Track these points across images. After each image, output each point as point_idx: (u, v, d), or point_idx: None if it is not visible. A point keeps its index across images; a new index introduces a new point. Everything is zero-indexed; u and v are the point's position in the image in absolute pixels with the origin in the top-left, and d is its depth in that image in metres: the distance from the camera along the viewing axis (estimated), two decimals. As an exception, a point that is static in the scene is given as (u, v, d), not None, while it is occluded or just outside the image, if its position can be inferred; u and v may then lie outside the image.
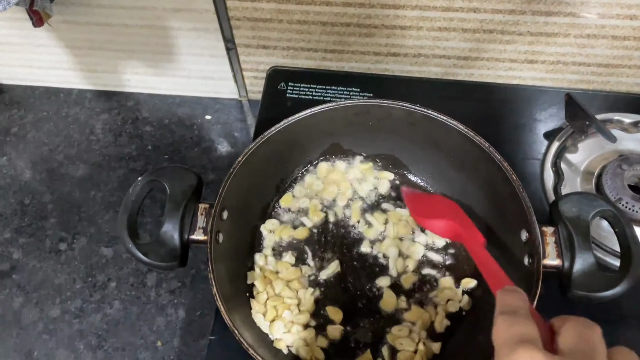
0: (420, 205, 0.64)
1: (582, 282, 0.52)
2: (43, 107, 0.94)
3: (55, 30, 0.85)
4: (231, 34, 0.82)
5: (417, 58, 0.83)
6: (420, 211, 0.63)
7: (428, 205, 0.65)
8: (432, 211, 0.62)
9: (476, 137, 0.61)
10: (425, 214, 0.62)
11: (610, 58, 0.79)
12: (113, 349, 0.70)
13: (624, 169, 0.70)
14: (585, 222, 0.54)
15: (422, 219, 0.62)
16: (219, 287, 0.52)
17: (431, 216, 0.61)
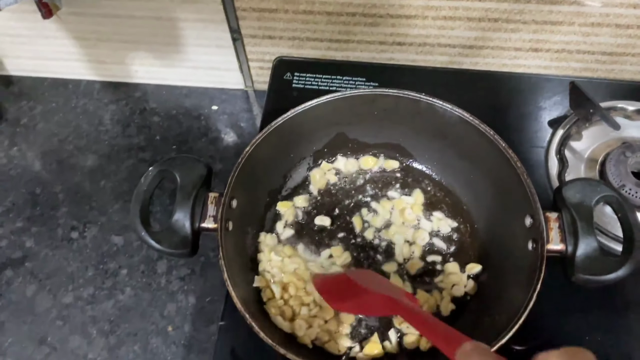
0: (331, 289, 0.57)
1: (585, 266, 0.53)
2: (52, 98, 0.96)
3: (64, 22, 0.86)
4: (237, 24, 0.83)
5: (423, 47, 0.84)
6: (335, 296, 0.56)
7: (340, 287, 0.57)
8: (346, 291, 0.55)
9: (481, 125, 0.62)
10: (341, 297, 0.55)
11: (614, 46, 0.79)
12: (125, 334, 0.71)
13: (627, 156, 0.71)
14: (588, 207, 0.55)
15: (340, 304, 0.55)
16: (230, 274, 0.53)
17: (348, 297, 0.54)
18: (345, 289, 0.55)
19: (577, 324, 0.64)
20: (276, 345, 0.50)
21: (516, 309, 0.51)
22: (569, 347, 0.33)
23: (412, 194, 0.71)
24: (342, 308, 0.56)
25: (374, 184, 0.73)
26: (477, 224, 0.68)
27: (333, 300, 0.55)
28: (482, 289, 0.63)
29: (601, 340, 0.63)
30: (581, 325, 0.64)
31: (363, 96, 0.67)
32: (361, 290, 0.53)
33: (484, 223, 0.67)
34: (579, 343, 0.62)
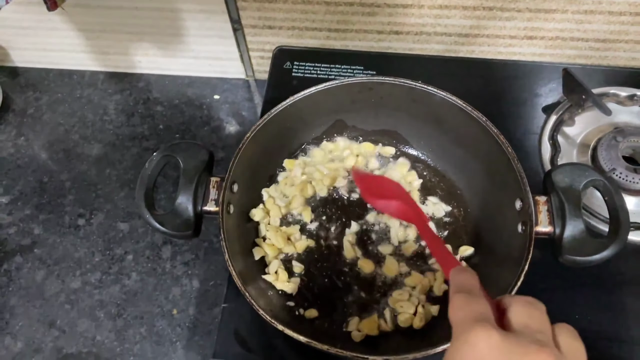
0: (369, 186, 0.62)
1: (572, 247, 0.55)
2: (57, 89, 0.98)
3: (69, 14, 0.88)
4: (238, 15, 0.85)
5: (419, 36, 0.86)
6: (371, 191, 0.61)
7: (377, 185, 0.63)
8: (381, 192, 0.61)
9: (474, 112, 0.64)
10: (376, 194, 0.60)
11: (608, 33, 0.81)
12: (132, 318, 0.74)
13: (618, 141, 0.72)
14: (576, 191, 0.57)
15: (374, 199, 0.60)
16: (231, 254, 0.56)
17: (382, 196, 0.60)
18: (380, 188, 0.61)
19: (567, 303, 0.66)
20: (274, 322, 0.52)
21: (505, 288, 0.53)
22: (531, 299, 0.38)
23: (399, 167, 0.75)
24: (372, 202, 0.61)
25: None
26: (470, 208, 0.70)
27: (367, 192, 0.60)
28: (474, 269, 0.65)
29: (590, 318, 0.65)
30: (570, 304, 0.66)
31: (360, 84, 0.69)
32: (395, 195, 0.59)
33: (476, 207, 0.69)
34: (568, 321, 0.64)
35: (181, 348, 0.71)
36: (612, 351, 0.63)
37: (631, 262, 0.68)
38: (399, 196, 0.59)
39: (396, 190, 0.61)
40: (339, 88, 0.68)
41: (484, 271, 0.62)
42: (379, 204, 0.61)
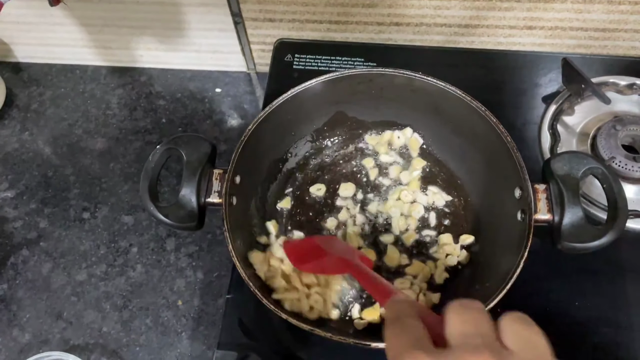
0: (299, 254, 0.62)
1: (571, 234, 0.56)
2: (60, 84, 0.98)
3: (71, 9, 0.88)
4: (238, 8, 0.85)
5: (419, 27, 0.86)
6: (301, 259, 0.61)
7: (306, 250, 0.63)
8: (310, 254, 0.61)
9: (473, 102, 0.65)
10: (306, 259, 0.61)
11: (607, 22, 0.81)
12: (137, 309, 0.75)
13: (617, 130, 0.73)
14: (575, 179, 0.58)
15: (305, 266, 0.61)
16: (234, 245, 0.56)
17: (311, 259, 0.61)
18: (310, 252, 0.62)
19: (567, 290, 0.66)
20: (278, 311, 0.53)
21: (505, 275, 0.54)
22: (463, 301, 0.35)
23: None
24: (304, 268, 0.61)
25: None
26: (470, 197, 0.71)
27: (297, 261, 0.61)
28: (474, 258, 0.66)
29: (590, 305, 0.65)
30: (570, 291, 0.66)
31: (360, 75, 0.69)
32: (321, 253, 0.60)
33: (476, 196, 0.70)
34: (568, 308, 0.65)
35: (186, 338, 0.72)
36: (613, 337, 0.64)
37: (630, 249, 0.69)
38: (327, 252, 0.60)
39: (322, 249, 0.61)
40: (339, 80, 0.69)
41: (484, 259, 0.64)
42: (307, 268, 0.61)
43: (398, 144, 0.75)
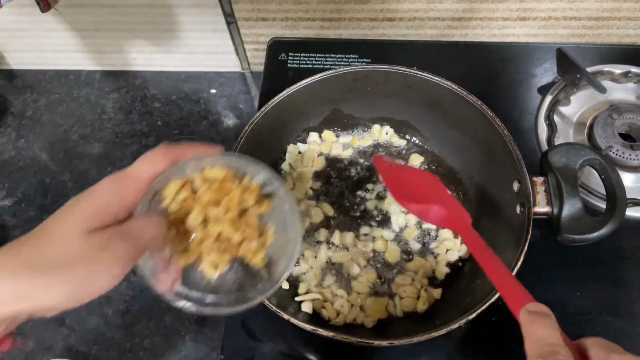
0: (401, 185, 0.58)
1: (570, 226, 0.56)
2: (55, 89, 0.98)
3: (62, 14, 0.88)
4: (231, 8, 0.85)
5: (412, 22, 0.86)
6: (405, 194, 0.57)
7: (410, 183, 0.59)
8: (417, 192, 0.57)
9: (469, 96, 0.64)
10: (411, 196, 0.57)
11: (600, 11, 0.81)
12: (140, 313, 0.75)
13: (614, 118, 0.73)
14: (573, 170, 0.58)
15: (410, 204, 0.56)
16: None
17: (418, 200, 0.56)
18: (413, 187, 0.57)
19: (569, 281, 0.67)
20: (280, 312, 0.53)
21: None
22: (600, 339, 0.37)
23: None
24: (410, 207, 0.56)
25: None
26: (469, 191, 0.71)
27: (400, 195, 0.56)
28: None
29: (591, 294, 0.66)
30: (572, 281, 0.67)
31: (355, 72, 0.69)
32: (427, 196, 0.56)
33: (475, 190, 0.70)
34: (570, 298, 0.65)
35: (190, 341, 0.72)
36: (615, 326, 0.64)
37: (630, 237, 0.69)
38: (436, 199, 0.55)
39: (431, 190, 0.57)
40: (334, 78, 0.69)
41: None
42: (416, 210, 0.56)
43: (385, 139, 0.76)
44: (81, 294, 0.35)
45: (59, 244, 0.35)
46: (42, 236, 0.36)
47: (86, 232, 0.36)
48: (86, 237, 0.36)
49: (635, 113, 0.73)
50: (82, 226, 0.36)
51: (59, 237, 0.36)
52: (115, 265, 0.36)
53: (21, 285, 0.34)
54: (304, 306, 0.63)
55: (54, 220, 0.37)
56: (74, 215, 0.37)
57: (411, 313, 0.63)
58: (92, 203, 0.37)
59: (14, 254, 0.35)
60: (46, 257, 0.35)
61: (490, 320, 0.63)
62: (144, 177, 0.40)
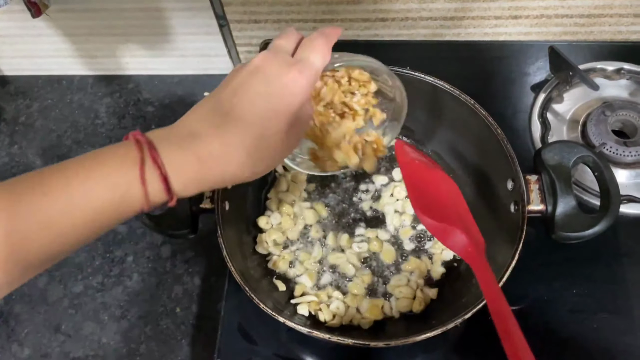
0: (422, 190, 0.52)
1: (564, 223, 0.56)
2: (47, 95, 0.98)
3: (54, 20, 0.88)
4: (222, 10, 0.85)
5: (405, 22, 0.86)
6: (425, 203, 0.50)
7: (431, 190, 0.53)
8: (437, 204, 0.51)
9: (462, 95, 0.64)
10: (431, 208, 0.50)
11: (592, 8, 0.81)
12: (136, 318, 0.74)
13: (607, 115, 0.73)
14: (566, 168, 0.58)
15: (428, 218, 0.49)
16: (229, 251, 0.56)
17: (438, 215, 0.49)
18: (433, 196, 0.52)
19: (564, 278, 0.67)
20: (275, 314, 0.53)
21: (501, 267, 0.54)
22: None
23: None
24: (428, 224, 0.49)
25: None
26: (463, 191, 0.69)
27: (418, 202, 0.50)
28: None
29: (588, 292, 0.66)
30: (568, 279, 0.67)
31: (347, 73, 0.69)
32: (448, 214, 0.50)
33: (470, 189, 0.70)
34: (566, 295, 0.66)
35: (187, 345, 0.72)
36: (612, 323, 0.64)
37: (625, 234, 0.69)
38: (457, 214, 0.50)
39: (453, 200, 0.52)
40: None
41: (480, 252, 0.64)
42: (432, 225, 0.49)
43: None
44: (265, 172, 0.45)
45: (271, 139, 0.42)
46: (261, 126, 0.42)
47: (288, 128, 0.43)
48: (286, 132, 0.43)
49: (628, 110, 0.73)
50: (289, 125, 0.43)
51: (271, 135, 0.42)
52: (289, 152, 0.46)
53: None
54: (300, 308, 0.63)
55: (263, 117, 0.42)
56: (286, 116, 0.43)
57: (407, 314, 0.63)
58: (300, 104, 0.43)
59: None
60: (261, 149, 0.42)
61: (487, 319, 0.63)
62: (321, 71, 0.46)
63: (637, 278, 0.66)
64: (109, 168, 0.38)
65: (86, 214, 0.37)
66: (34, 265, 0.37)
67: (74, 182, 0.37)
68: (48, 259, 0.38)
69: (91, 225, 0.38)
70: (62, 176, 0.37)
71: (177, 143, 0.40)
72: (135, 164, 0.38)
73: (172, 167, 0.39)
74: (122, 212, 0.39)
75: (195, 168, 0.40)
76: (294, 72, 0.42)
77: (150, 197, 0.39)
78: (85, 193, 0.37)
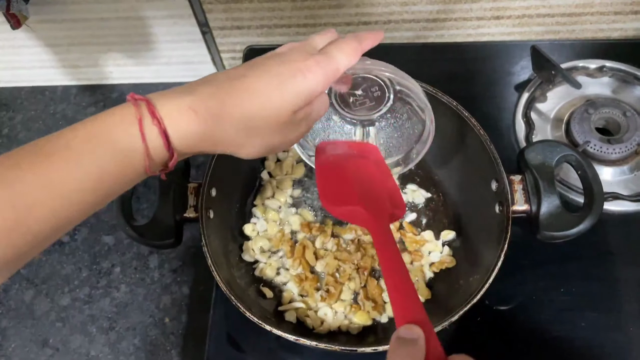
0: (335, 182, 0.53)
1: (549, 223, 0.56)
2: (31, 106, 0.97)
3: (34, 30, 0.87)
4: (205, 17, 0.85)
5: (388, 24, 0.86)
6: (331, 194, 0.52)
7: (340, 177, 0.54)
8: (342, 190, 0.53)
9: (444, 97, 0.65)
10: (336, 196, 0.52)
11: (573, 7, 0.81)
12: (124, 329, 0.74)
13: (590, 113, 0.73)
14: (549, 167, 0.58)
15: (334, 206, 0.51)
16: (214, 260, 0.56)
17: (341, 200, 0.52)
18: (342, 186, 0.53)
19: (552, 277, 0.67)
20: (262, 323, 0.53)
21: (488, 268, 0.54)
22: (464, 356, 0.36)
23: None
24: (336, 212, 0.52)
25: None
26: (448, 193, 0.71)
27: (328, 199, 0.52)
28: (456, 254, 0.66)
29: (575, 290, 0.66)
30: (556, 278, 0.67)
31: (330, 78, 0.69)
32: (353, 196, 0.52)
33: (455, 191, 0.70)
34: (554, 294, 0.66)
35: (176, 355, 0.71)
36: (599, 321, 0.64)
37: (611, 231, 0.69)
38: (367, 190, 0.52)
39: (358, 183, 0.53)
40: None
41: (466, 254, 0.64)
42: (336, 212, 0.52)
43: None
44: (263, 154, 0.45)
45: (272, 112, 0.42)
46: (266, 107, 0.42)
47: (292, 110, 0.43)
48: (290, 113, 0.43)
49: (611, 107, 0.74)
50: (294, 106, 0.43)
51: (273, 108, 0.42)
52: (295, 140, 0.47)
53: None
54: (287, 315, 0.63)
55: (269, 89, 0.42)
56: (291, 94, 0.43)
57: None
58: (309, 90, 0.43)
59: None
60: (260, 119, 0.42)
61: (476, 320, 0.63)
62: (342, 71, 0.46)
63: (624, 275, 0.66)
64: (109, 126, 0.38)
65: (90, 175, 0.37)
66: (40, 238, 0.36)
67: (74, 143, 0.37)
68: (55, 228, 0.37)
69: (98, 188, 0.38)
70: (62, 139, 0.37)
71: (175, 98, 0.41)
72: (135, 120, 0.38)
73: (171, 121, 0.39)
74: (127, 174, 0.39)
75: (193, 121, 0.40)
76: (311, 61, 0.43)
77: (151, 154, 0.39)
78: (87, 153, 0.37)
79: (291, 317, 0.62)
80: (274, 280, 0.67)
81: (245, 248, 0.69)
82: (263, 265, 0.68)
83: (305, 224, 0.69)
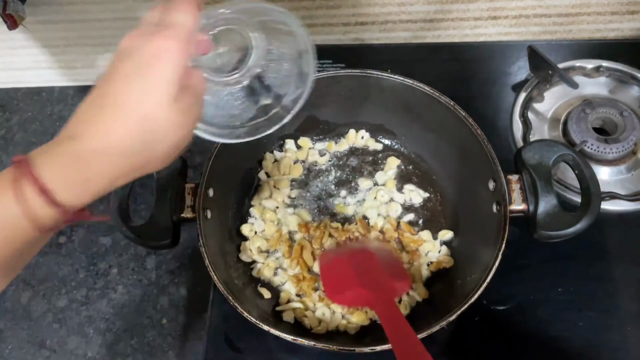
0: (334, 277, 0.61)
1: (546, 222, 0.56)
2: (27, 107, 0.96)
3: (31, 31, 0.87)
4: (199, 17, 0.84)
5: (385, 25, 0.86)
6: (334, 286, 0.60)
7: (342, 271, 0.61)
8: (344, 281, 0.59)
9: (442, 97, 0.65)
10: (339, 287, 0.59)
11: (570, 7, 0.81)
12: (121, 331, 0.74)
13: (587, 113, 0.73)
14: (547, 167, 0.58)
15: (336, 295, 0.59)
16: (212, 260, 0.56)
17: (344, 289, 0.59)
18: (343, 276, 0.60)
19: (549, 277, 0.67)
20: (260, 323, 0.53)
21: (486, 267, 0.54)
22: None
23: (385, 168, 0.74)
24: (339, 300, 0.60)
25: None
26: (446, 192, 0.71)
27: (333, 290, 0.59)
28: (454, 253, 0.66)
29: (572, 289, 0.66)
30: (553, 277, 0.67)
31: (327, 78, 0.69)
32: (353, 281, 0.58)
33: (452, 190, 0.70)
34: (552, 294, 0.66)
35: (174, 357, 0.71)
36: (597, 321, 0.64)
37: (608, 231, 0.69)
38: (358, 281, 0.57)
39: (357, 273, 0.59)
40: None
41: (464, 253, 0.64)
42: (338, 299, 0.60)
43: (361, 143, 0.76)
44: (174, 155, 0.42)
45: (156, 116, 0.39)
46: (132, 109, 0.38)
47: (173, 100, 0.39)
48: (173, 105, 0.39)
49: (608, 107, 0.74)
50: (171, 97, 0.39)
51: (153, 112, 0.39)
52: (193, 126, 0.43)
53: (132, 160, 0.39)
54: (285, 316, 0.63)
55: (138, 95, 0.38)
56: (162, 85, 0.39)
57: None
58: (175, 71, 0.39)
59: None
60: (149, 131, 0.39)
61: (474, 320, 0.63)
62: (192, 28, 0.41)
63: (622, 274, 0.66)
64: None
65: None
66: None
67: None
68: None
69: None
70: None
71: (55, 150, 0.37)
72: (10, 184, 0.36)
73: (52, 176, 0.36)
74: (13, 240, 0.37)
75: (78, 169, 0.37)
76: (157, 39, 0.39)
77: (36, 214, 0.36)
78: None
79: (289, 317, 0.62)
80: (271, 280, 0.67)
81: (243, 248, 0.68)
82: (261, 266, 0.67)
83: (302, 224, 0.69)
